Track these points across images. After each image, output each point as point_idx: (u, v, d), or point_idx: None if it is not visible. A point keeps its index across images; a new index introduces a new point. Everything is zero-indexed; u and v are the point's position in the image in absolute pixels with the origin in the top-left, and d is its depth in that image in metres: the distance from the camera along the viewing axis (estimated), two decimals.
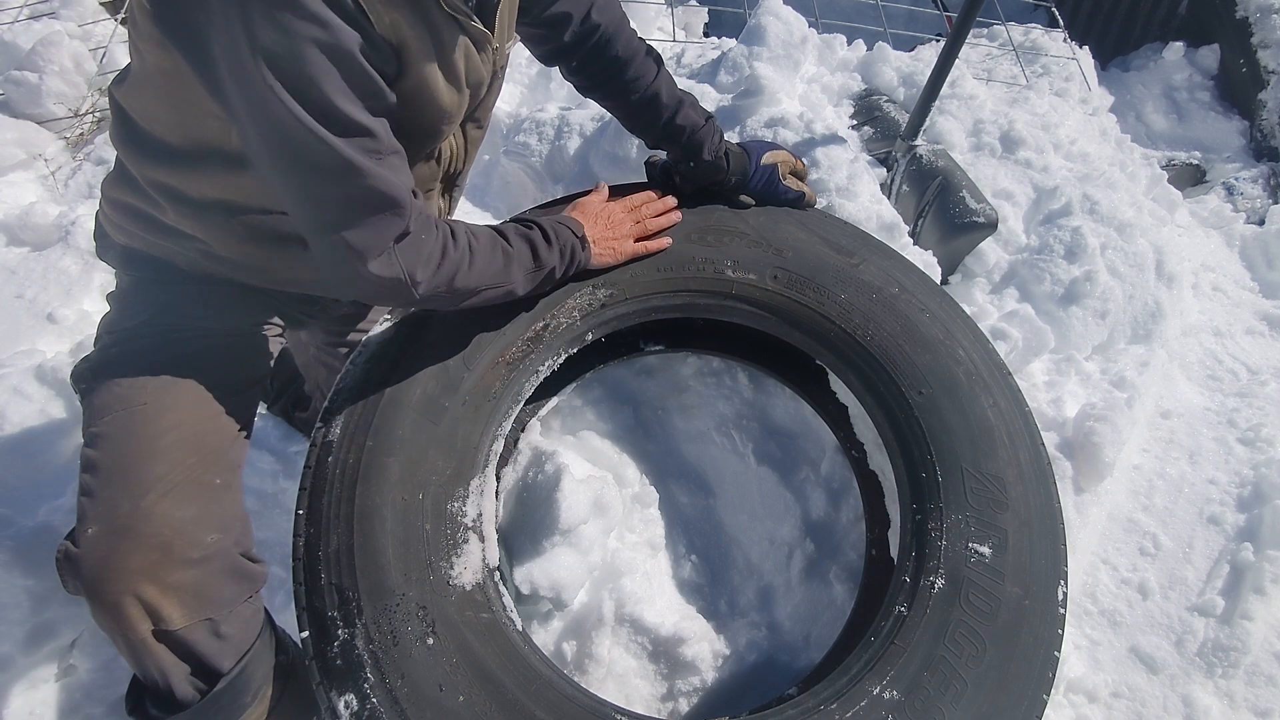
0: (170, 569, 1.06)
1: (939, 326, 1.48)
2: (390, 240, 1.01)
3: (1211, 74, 3.80)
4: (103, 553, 1.04)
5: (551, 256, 1.27)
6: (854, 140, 2.22)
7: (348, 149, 0.92)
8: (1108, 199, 2.29)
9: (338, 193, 0.96)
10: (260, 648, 1.20)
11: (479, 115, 1.28)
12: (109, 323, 1.26)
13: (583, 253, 1.33)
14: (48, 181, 2.74)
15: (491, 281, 1.18)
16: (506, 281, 1.21)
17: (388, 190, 0.98)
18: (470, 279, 1.14)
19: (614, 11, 1.38)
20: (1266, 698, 1.67)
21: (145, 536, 1.05)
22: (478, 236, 1.17)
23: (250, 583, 1.17)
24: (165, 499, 1.08)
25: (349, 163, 0.93)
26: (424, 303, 1.12)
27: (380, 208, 0.98)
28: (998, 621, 1.26)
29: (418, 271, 1.05)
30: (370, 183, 0.96)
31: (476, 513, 1.25)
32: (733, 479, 1.75)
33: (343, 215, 0.98)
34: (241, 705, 1.18)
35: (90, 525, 1.06)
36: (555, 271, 1.29)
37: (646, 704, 1.52)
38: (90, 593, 1.05)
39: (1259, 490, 1.93)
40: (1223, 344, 2.41)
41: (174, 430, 1.13)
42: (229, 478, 1.18)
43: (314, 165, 0.93)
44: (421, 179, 1.25)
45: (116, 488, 1.08)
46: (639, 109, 1.44)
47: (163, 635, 1.07)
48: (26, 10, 3.16)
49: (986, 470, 1.37)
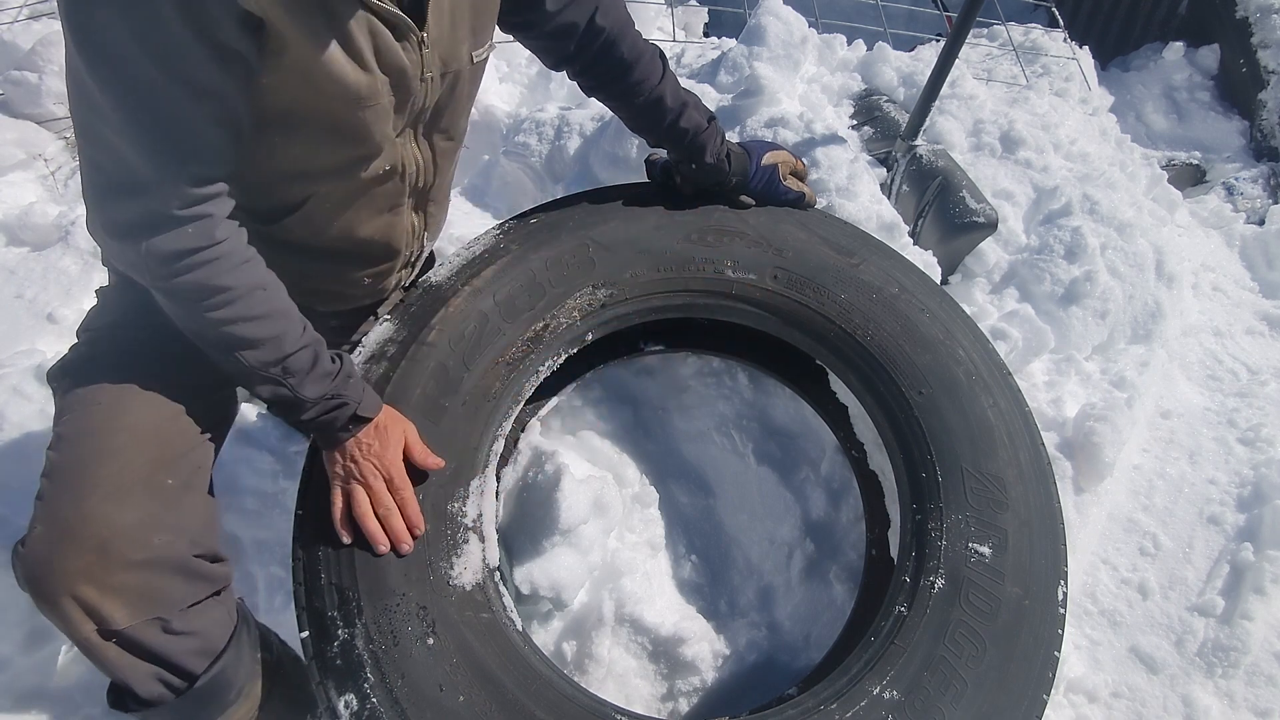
0: (109, 571, 1.04)
1: (939, 326, 1.48)
2: (130, 217, 0.95)
3: (1211, 74, 3.79)
4: (43, 554, 1.04)
5: (313, 393, 1.09)
6: (854, 140, 2.22)
7: (121, 99, 0.88)
8: (1108, 199, 2.29)
9: (100, 135, 0.91)
10: (237, 647, 1.18)
11: (445, 125, 1.22)
12: (87, 321, 1.25)
13: (340, 431, 1.14)
14: (47, 181, 2.74)
15: (247, 343, 1.04)
16: (258, 363, 1.06)
17: (145, 163, 0.91)
18: (228, 315, 1.02)
19: (619, 14, 1.36)
20: (1266, 698, 1.67)
21: (84, 539, 1.04)
22: (273, 296, 1.06)
23: (208, 583, 1.14)
24: (108, 501, 1.06)
25: (117, 110, 0.88)
26: (168, 298, 1.03)
27: (128, 183, 0.93)
28: (998, 621, 1.26)
29: (160, 260, 0.97)
30: (129, 149, 0.90)
31: (476, 513, 1.25)
32: (733, 479, 1.75)
33: (95, 165, 0.94)
34: (225, 702, 1.18)
35: (36, 525, 1.06)
36: (302, 410, 1.10)
37: (646, 704, 1.52)
38: (33, 592, 1.05)
39: (1259, 490, 1.93)
40: (1223, 344, 2.41)
41: (128, 431, 1.11)
42: (189, 478, 1.15)
43: (82, 101, 0.90)
44: (386, 196, 1.21)
45: (63, 489, 1.07)
46: (643, 111, 1.44)
47: (109, 634, 1.06)
48: (26, 10, 3.16)
49: (986, 470, 1.37)
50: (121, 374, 1.15)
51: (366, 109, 1.06)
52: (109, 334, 1.21)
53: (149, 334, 1.20)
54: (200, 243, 0.97)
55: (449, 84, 1.17)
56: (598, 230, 1.47)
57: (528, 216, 1.51)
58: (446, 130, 1.24)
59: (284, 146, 1.06)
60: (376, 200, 1.21)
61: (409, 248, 1.34)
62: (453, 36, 1.13)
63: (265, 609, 1.73)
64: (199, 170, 0.96)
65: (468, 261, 1.42)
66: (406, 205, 1.27)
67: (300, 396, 1.09)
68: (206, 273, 0.99)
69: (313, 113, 1.03)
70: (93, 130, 0.92)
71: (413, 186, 1.25)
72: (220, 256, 0.99)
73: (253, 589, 1.75)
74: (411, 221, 1.31)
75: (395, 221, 1.27)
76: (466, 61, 1.18)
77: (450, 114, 1.22)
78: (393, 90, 1.07)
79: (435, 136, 1.23)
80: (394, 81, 1.07)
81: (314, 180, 1.13)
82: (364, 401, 1.15)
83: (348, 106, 1.04)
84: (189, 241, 0.97)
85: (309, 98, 1.01)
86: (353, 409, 1.13)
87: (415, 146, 1.20)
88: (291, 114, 1.03)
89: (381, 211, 1.23)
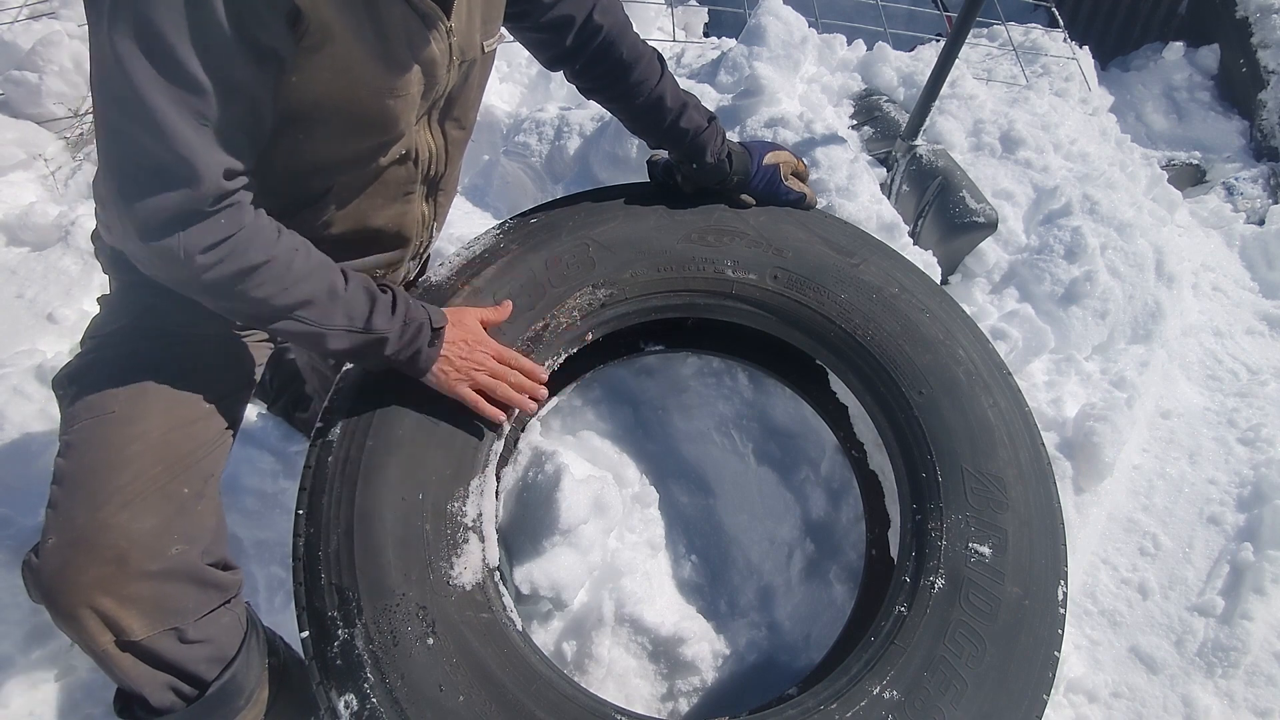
0: (127, 581, 1.04)
1: (939, 326, 1.48)
2: (169, 213, 0.94)
3: (1211, 74, 3.80)
4: (59, 564, 1.03)
5: (389, 326, 1.11)
6: (854, 140, 2.22)
7: (159, 94, 0.87)
8: (1108, 199, 2.29)
9: (133, 133, 0.90)
10: (247, 652, 1.19)
11: (457, 114, 1.24)
12: (93, 328, 1.24)
13: (429, 349, 1.16)
14: (48, 181, 2.74)
15: (299, 304, 1.05)
16: (322, 320, 1.07)
17: (187, 158, 0.90)
18: (272, 289, 1.02)
19: (616, 14, 1.37)
20: (1266, 698, 1.68)
21: (101, 549, 1.03)
22: (307, 253, 1.06)
23: (220, 591, 1.14)
24: (124, 510, 1.05)
25: (155, 107, 0.87)
26: (210, 292, 1.01)
27: (168, 178, 0.91)
28: (998, 621, 1.26)
29: (198, 253, 0.96)
30: (170, 143, 0.89)
31: (476, 513, 1.25)
32: (733, 479, 1.75)
33: (130, 162, 0.92)
34: (235, 709, 1.18)
35: (50, 536, 1.05)
36: (386, 346, 1.12)
37: (646, 704, 1.52)
38: (48, 604, 1.04)
39: (1259, 490, 1.93)
40: (1223, 344, 2.41)
41: (141, 439, 1.10)
42: (201, 486, 1.15)
43: (118, 94, 0.87)
44: (398, 182, 1.22)
45: (77, 499, 1.06)
46: (643, 112, 1.44)
47: (127, 645, 1.05)
48: (26, 10, 3.16)
49: (986, 470, 1.37)
50: (131, 381, 1.14)
51: (397, 98, 1.07)
52: (115, 341, 1.20)
53: (156, 341, 1.20)
54: (233, 229, 0.98)
55: (464, 73, 1.19)
56: (598, 230, 1.47)
57: (528, 216, 1.51)
58: (459, 119, 1.26)
59: (307, 142, 1.07)
60: (390, 187, 1.22)
61: (418, 237, 1.36)
62: (469, 26, 1.15)
63: (265, 609, 1.73)
64: (231, 165, 0.96)
65: (468, 261, 1.42)
66: (418, 193, 1.28)
67: (377, 333, 1.11)
68: (243, 255, 0.99)
69: (340, 105, 1.03)
70: (125, 130, 0.91)
71: (425, 174, 1.26)
72: (253, 235, 1.00)
73: (253, 589, 1.75)
74: (422, 210, 1.32)
75: (407, 210, 1.28)
76: (479, 51, 1.20)
77: (463, 103, 1.24)
78: (423, 79, 1.09)
79: (448, 124, 1.25)
80: (424, 71, 1.09)
81: (334, 172, 1.15)
82: (432, 313, 1.17)
83: (378, 96, 1.05)
84: (222, 231, 0.97)
85: (339, 90, 1.02)
86: (428, 324, 1.16)
87: (429, 134, 1.22)
88: (318, 108, 1.04)
89: (394, 200, 1.25)
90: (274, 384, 2.00)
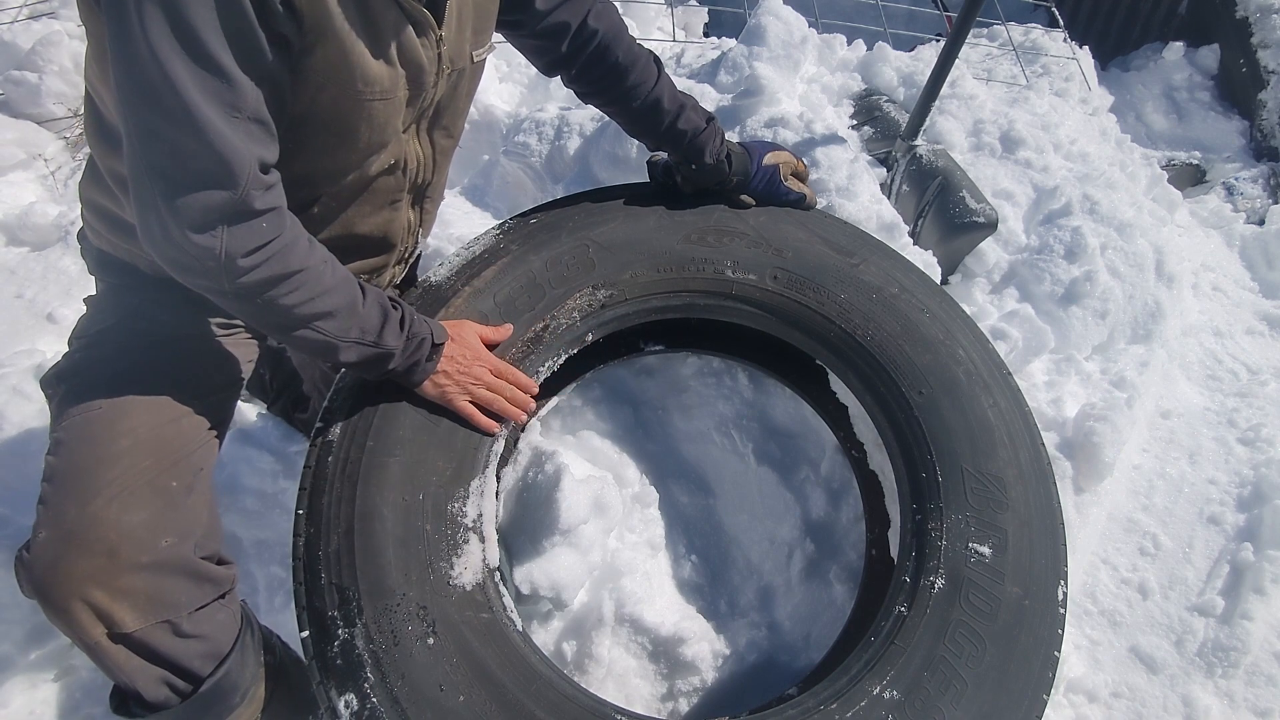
0: (118, 574, 1.04)
1: (939, 326, 1.48)
2: (213, 212, 0.93)
3: (1211, 74, 3.79)
4: (50, 558, 1.03)
5: (397, 342, 1.15)
6: (854, 140, 2.22)
7: (195, 89, 0.86)
8: (1108, 199, 2.29)
9: (170, 132, 0.89)
10: (242, 648, 1.19)
11: (446, 123, 1.25)
12: (80, 328, 1.25)
13: (426, 364, 1.20)
14: (47, 181, 2.74)
15: (322, 315, 1.06)
16: (338, 332, 1.09)
17: (225, 153, 0.90)
18: (300, 297, 1.03)
19: (611, 18, 1.37)
20: (1266, 698, 1.68)
21: (91, 542, 1.04)
22: (334, 266, 1.08)
23: (214, 585, 1.14)
24: (114, 504, 1.06)
25: (191, 102, 0.86)
26: (240, 297, 1.01)
27: (208, 175, 0.91)
28: (998, 621, 1.26)
29: (240, 256, 0.95)
30: (209, 138, 0.89)
31: (476, 513, 1.25)
32: (733, 479, 1.75)
33: (168, 162, 0.90)
34: (230, 706, 1.18)
35: (41, 531, 1.05)
36: (391, 361, 1.16)
37: (646, 704, 1.52)
38: (40, 598, 1.05)
39: (1259, 490, 1.93)
40: (1223, 344, 2.41)
41: (129, 435, 1.11)
42: (191, 481, 1.15)
43: (152, 92, 0.86)
44: (388, 191, 1.23)
45: (67, 494, 1.07)
46: (640, 115, 1.44)
47: (119, 638, 1.06)
48: (26, 10, 3.16)
49: (986, 470, 1.37)
50: (119, 378, 1.15)
51: (384, 100, 1.08)
52: (103, 339, 1.21)
53: (144, 338, 1.20)
54: (274, 234, 0.99)
55: (452, 82, 1.19)
56: (598, 230, 1.47)
57: (528, 216, 1.51)
58: (448, 128, 1.26)
59: (297, 153, 1.08)
60: (378, 196, 1.23)
61: (404, 243, 1.37)
62: (460, 35, 1.16)
63: (265, 609, 1.73)
64: (265, 155, 0.97)
65: (468, 261, 1.42)
66: (405, 201, 1.29)
67: (386, 348, 1.14)
68: (281, 260, 1.00)
69: (329, 113, 1.03)
70: (162, 128, 0.89)
71: (412, 182, 1.27)
72: (291, 242, 1.01)
73: (253, 589, 1.75)
74: (408, 217, 1.33)
75: (394, 217, 1.29)
76: (469, 60, 1.20)
77: (451, 112, 1.24)
78: (408, 84, 1.10)
79: (436, 133, 1.25)
80: (410, 76, 1.09)
81: (321, 183, 1.15)
82: (434, 329, 1.20)
83: (365, 100, 1.06)
84: (265, 235, 0.98)
85: (328, 97, 1.02)
86: (429, 340, 1.19)
87: (418, 143, 1.23)
88: (307, 121, 1.04)
89: (381, 207, 1.25)
90: (273, 384, 2.00)
